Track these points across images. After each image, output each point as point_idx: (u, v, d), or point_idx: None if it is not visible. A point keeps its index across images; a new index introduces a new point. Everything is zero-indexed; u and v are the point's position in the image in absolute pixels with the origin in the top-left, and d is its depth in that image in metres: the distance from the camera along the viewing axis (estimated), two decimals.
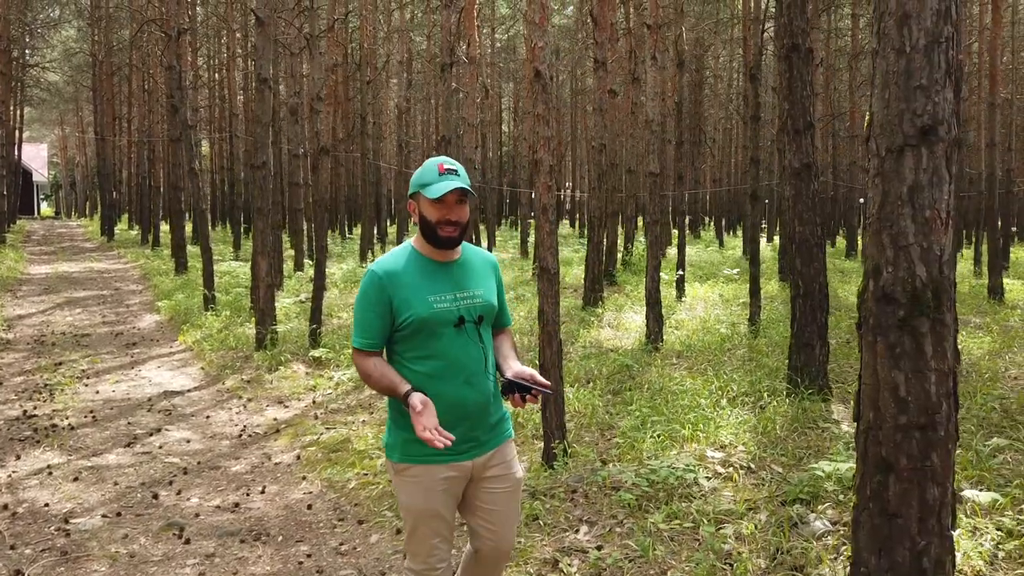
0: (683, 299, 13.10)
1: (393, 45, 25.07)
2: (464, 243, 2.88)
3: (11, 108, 32.81)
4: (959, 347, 7.67)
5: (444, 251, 2.77)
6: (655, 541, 4.04)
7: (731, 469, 4.99)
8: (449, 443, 2.51)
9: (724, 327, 10.44)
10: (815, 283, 6.67)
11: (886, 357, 2.62)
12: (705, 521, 4.09)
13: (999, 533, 3.69)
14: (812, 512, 4.11)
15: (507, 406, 2.86)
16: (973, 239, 21.07)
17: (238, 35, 26.10)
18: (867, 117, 2.68)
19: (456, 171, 2.69)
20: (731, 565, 3.69)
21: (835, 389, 6.87)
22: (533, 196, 10.00)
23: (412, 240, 2.83)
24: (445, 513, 2.79)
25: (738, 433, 5.53)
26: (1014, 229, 29.25)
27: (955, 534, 3.67)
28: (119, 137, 35.10)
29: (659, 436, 5.56)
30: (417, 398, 2.57)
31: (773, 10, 8.97)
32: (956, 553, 2.80)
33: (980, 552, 3.55)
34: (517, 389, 2.67)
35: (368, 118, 20.82)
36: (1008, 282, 15.14)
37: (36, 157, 54.82)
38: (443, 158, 2.72)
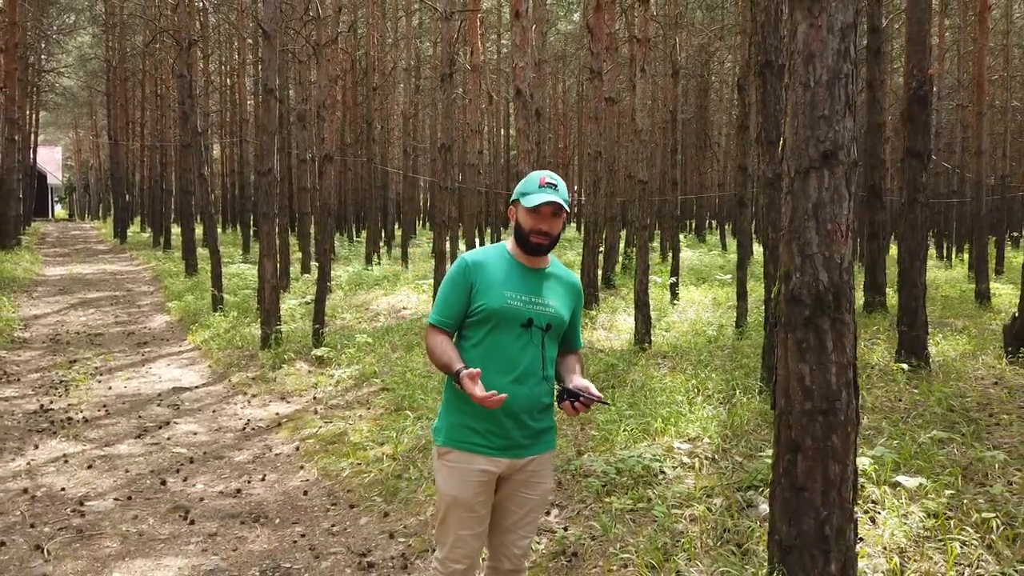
0: (676, 302, 13.46)
1: (400, 52, 25.55)
2: (555, 260, 3.06)
3: (27, 112, 33.48)
4: (929, 348, 8.02)
5: (533, 258, 2.95)
6: (616, 522, 4.43)
7: (696, 459, 5.37)
8: (501, 400, 2.68)
9: (712, 329, 10.79)
10: None
11: (794, 351, 3.01)
12: (660, 503, 4.48)
13: (923, 515, 4.06)
14: (761, 496, 4.48)
15: (561, 413, 3.00)
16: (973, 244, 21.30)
17: (249, 41, 26.62)
18: (781, 142, 3.06)
19: (556, 185, 2.88)
20: (681, 542, 4.07)
21: None
22: None
23: (507, 242, 3.02)
24: (477, 507, 2.89)
25: (706, 427, 5.91)
26: (1016, 234, 29.40)
27: (883, 515, 4.05)
28: (132, 141, 35.72)
29: (632, 430, 5.94)
30: (467, 372, 2.74)
31: None
32: (857, 523, 3.17)
33: (905, 531, 3.92)
34: (568, 396, 2.80)
35: (375, 124, 21.27)
36: (999, 287, 15.43)
37: (51, 160, 55.66)
38: (546, 172, 2.92)
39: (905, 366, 7.22)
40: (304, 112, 14.83)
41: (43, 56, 36.65)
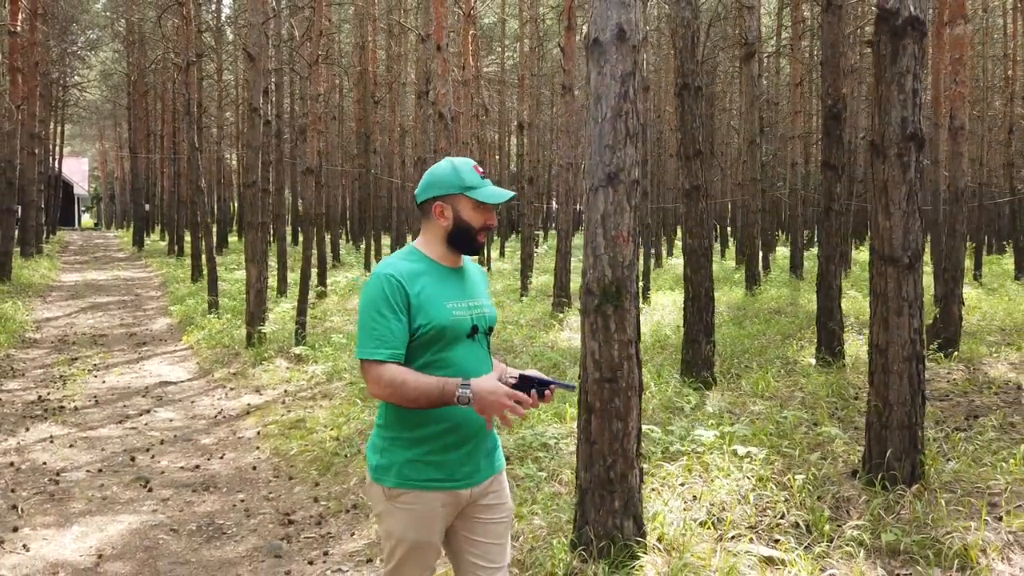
0: (647, 305, 14.15)
1: (401, 66, 26.47)
2: None
3: (51, 126, 34.84)
4: (845, 345, 8.68)
5: (453, 257, 2.61)
6: None
7: None
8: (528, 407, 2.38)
9: (670, 329, 11.48)
10: (702, 288, 7.74)
11: (588, 331, 3.75)
12: (534, 468, 5.22)
13: (750, 477, 4.77)
14: None
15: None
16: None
17: None
18: (583, 165, 3.81)
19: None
20: (544, 498, 4.81)
21: (725, 380, 7.92)
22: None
23: (414, 243, 2.63)
24: (438, 543, 2.60)
25: None
26: (1007, 241, 29.71)
27: (717, 477, 4.76)
28: (152, 152, 37.00)
29: (543, 413, 6.67)
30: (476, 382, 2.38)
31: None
32: (642, 469, 3.89)
33: (729, 490, 4.63)
34: (535, 385, 2.40)
35: (375, 135, 22.16)
36: (971, 291, 15.95)
37: (77, 171, 57.35)
38: (470, 160, 2.59)
39: (812, 360, 7.89)
40: (304, 126, 15.73)
41: (67, 70, 38.04)
